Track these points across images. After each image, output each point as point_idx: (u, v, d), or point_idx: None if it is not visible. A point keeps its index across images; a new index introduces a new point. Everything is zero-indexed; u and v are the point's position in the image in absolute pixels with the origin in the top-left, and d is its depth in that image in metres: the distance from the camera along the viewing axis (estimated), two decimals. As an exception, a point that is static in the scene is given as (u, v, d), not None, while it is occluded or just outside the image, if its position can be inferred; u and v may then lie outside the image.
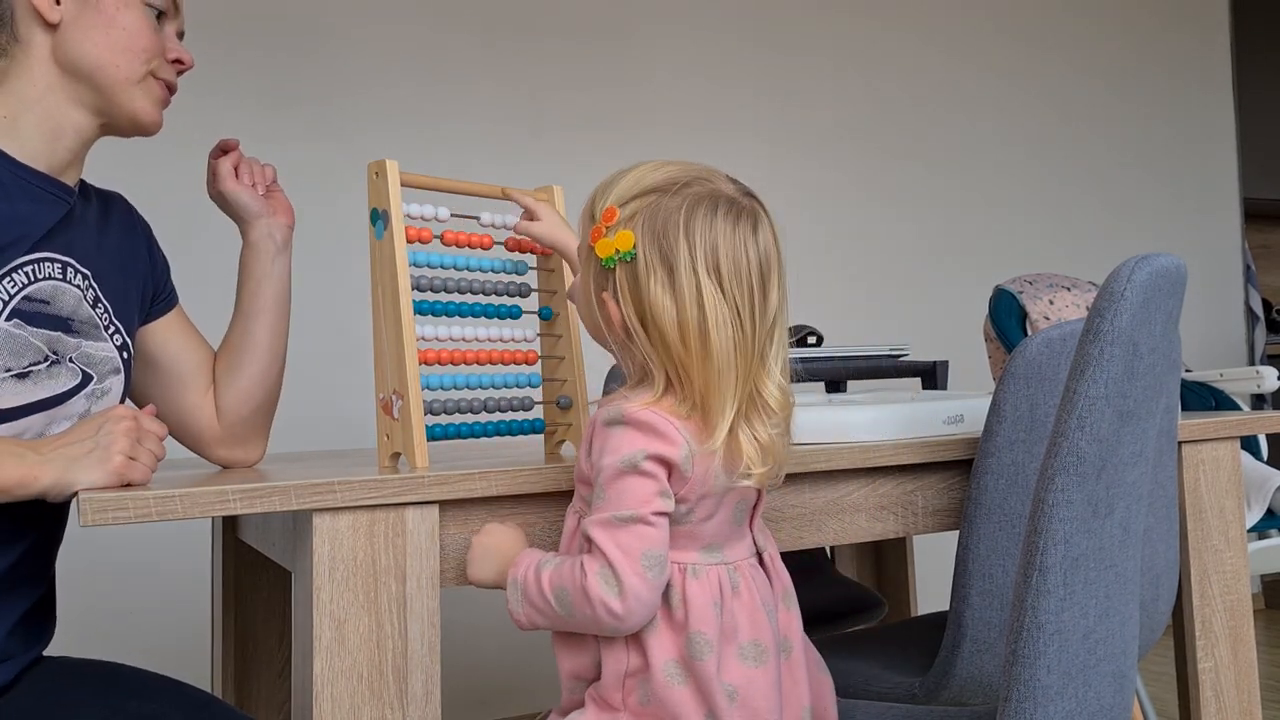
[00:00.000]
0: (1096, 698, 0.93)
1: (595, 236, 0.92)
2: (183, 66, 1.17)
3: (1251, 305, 3.79)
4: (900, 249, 3.14)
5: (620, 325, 0.91)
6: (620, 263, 0.90)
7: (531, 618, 0.92)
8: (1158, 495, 1.23)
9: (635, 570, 0.86)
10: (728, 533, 0.95)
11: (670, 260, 0.88)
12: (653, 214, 0.90)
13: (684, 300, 0.88)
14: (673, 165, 0.95)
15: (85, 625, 2.11)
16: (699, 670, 0.89)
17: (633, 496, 0.87)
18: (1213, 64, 3.77)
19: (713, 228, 0.89)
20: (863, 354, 1.67)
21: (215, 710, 1.04)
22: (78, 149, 1.12)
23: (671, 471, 0.88)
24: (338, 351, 2.37)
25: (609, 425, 0.90)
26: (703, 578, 0.91)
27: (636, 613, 0.87)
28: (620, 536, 0.87)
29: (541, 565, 0.92)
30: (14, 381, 1.04)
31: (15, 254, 1.05)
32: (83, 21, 1.08)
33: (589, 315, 0.97)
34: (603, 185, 0.96)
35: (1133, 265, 0.91)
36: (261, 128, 2.41)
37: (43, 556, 1.13)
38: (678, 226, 0.89)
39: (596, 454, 0.90)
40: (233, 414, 1.25)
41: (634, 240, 0.90)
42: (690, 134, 2.87)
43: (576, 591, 0.88)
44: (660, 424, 0.88)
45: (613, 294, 0.91)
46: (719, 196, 0.91)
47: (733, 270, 0.89)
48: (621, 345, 0.94)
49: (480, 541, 0.98)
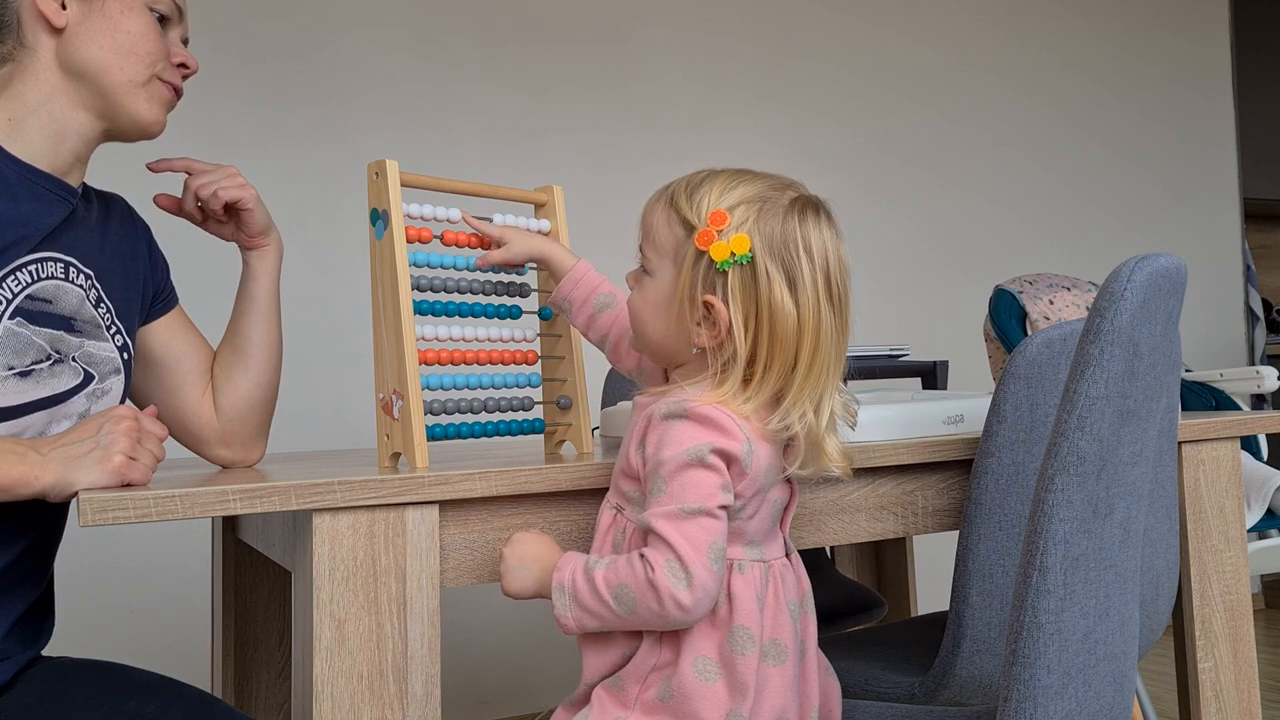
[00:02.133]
0: (1096, 698, 0.93)
1: (706, 240, 0.92)
2: (187, 71, 1.18)
3: (1251, 305, 3.80)
4: (900, 249, 3.14)
5: (725, 326, 0.91)
6: (735, 265, 0.91)
7: (582, 621, 0.92)
8: (1158, 495, 1.23)
9: (703, 562, 0.87)
10: (766, 531, 0.96)
11: (789, 265, 0.91)
12: (765, 218, 0.92)
13: (805, 305, 0.91)
14: (754, 172, 0.98)
15: (85, 625, 2.11)
16: (739, 665, 0.89)
17: (697, 489, 0.88)
18: (1213, 64, 3.77)
19: (821, 233, 0.93)
20: (863, 354, 1.67)
21: (215, 710, 1.04)
22: (81, 151, 1.13)
23: (732, 466, 0.89)
24: (338, 351, 2.38)
25: (670, 419, 0.90)
26: (747, 574, 0.93)
27: (703, 604, 0.88)
28: (687, 528, 0.87)
29: (591, 567, 0.92)
30: (16, 380, 1.04)
31: (19, 253, 1.05)
32: (88, 26, 1.09)
33: (670, 319, 0.95)
34: (682, 190, 0.96)
35: (1133, 265, 0.91)
36: (261, 128, 2.41)
37: (41, 556, 1.13)
38: (794, 232, 0.92)
39: (654, 447, 0.91)
40: (231, 414, 1.26)
41: (750, 244, 0.91)
42: (690, 134, 2.87)
43: (641, 586, 0.87)
44: (724, 419, 0.89)
45: (722, 297, 0.91)
46: (817, 204, 0.96)
47: (837, 275, 0.94)
48: (714, 347, 0.93)
49: (513, 553, 0.97)
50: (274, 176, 2.37)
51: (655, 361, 1.03)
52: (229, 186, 1.21)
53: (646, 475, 0.91)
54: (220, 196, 1.21)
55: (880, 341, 2.97)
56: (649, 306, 0.98)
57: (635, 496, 0.94)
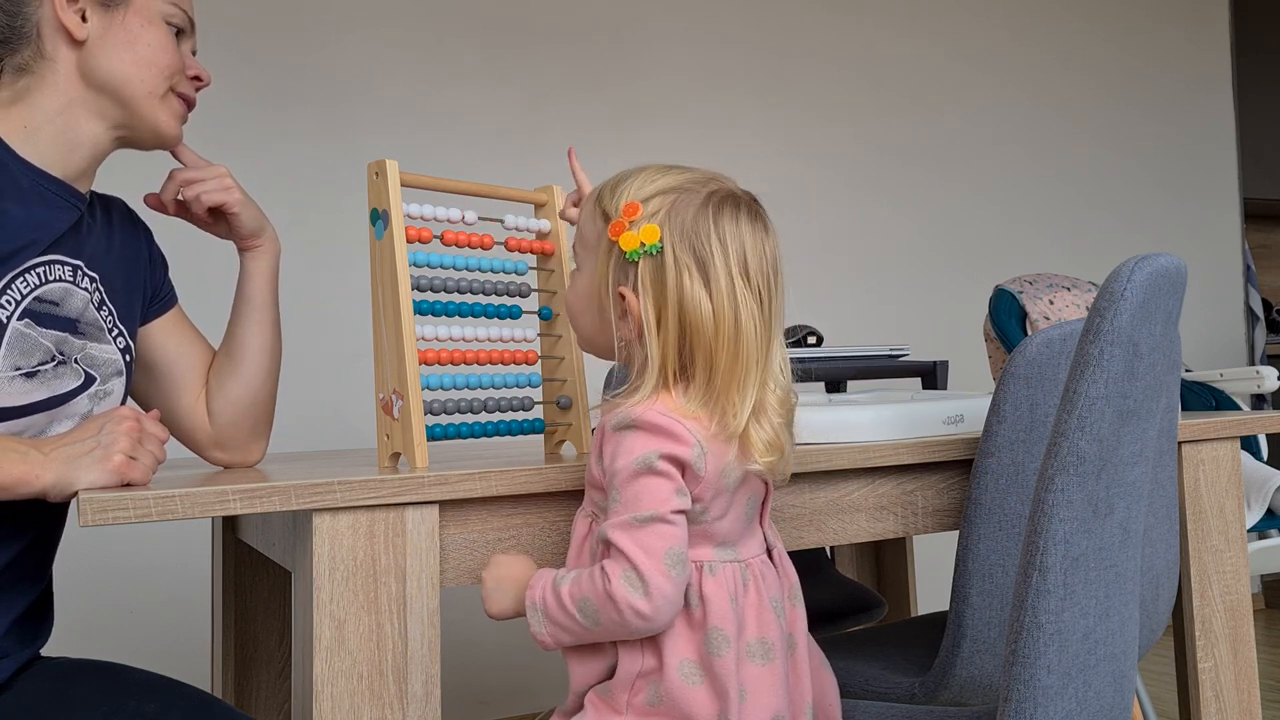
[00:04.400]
0: (1096, 698, 0.93)
1: (617, 230, 0.92)
2: (201, 84, 1.21)
3: (1251, 305, 3.80)
4: (900, 249, 3.14)
5: (637, 319, 0.91)
6: (645, 256, 0.91)
7: (556, 636, 0.91)
8: (1158, 495, 1.23)
9: (659, 569, 0.86)
10: (740, 530, 0.95)
11: (702, 257, 0.90)
12: (677, 210, 0.92)
13: (719, 295, 0.90)
14: (680, 167, 0.97)
15: (85, 625, 2.11)
16: (717, 667, 0.89)
17: (650, 497, 0.87)
18: (1213, 64, 3.77)
19: (738, 226, 0.92)
20: (863, 354, 1.67)
21: (215, 710, 1.04)
22: (92, 160, 1.15)
23: (685, 470, 0.89)
24: (338, 351, 2.38)
25: (619, 430, 0.90)
26: (719, 575, 0.92)
27: (664, 611, 0.87)
28: (641, 537, 0.87)
29: (558, 582, 0.91)
30: (22, 380, 1.05)
31: (29, 256, 1.07)
32: (109, 38, 1.11)
33: (593, 314, 0.97)
34: (609, 184, 0.97)
35: (1133, 265, 0.91)
36: (261, 128, 2.41)
37: (41, 555, 1.13)
38: (707, 224, 0.91)
39: (609, 459, 0.90)
40: (224, 418, 1.25)
41: (660, 234, 0.91)
42: (690, 134, 2.87)
43: (600, 598, 0.87)
44: (671, 425, 0.88)
45: (633, 287, 0.92)
46: (737, 197, 0.94)
47: (757, 267, 0.92)
48: (629, 342, 0.94)
49: (490, 575, 0.97)
50: (274, 176, 2.38)
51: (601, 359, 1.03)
52: (212, 190, 1.21)
53: (605, 486, 0.91)
54: (203, 201, 1.21)
55: (880, 341, 2.97)
56: (579, 301, 0.99)
57: (605, 505, 0.93)
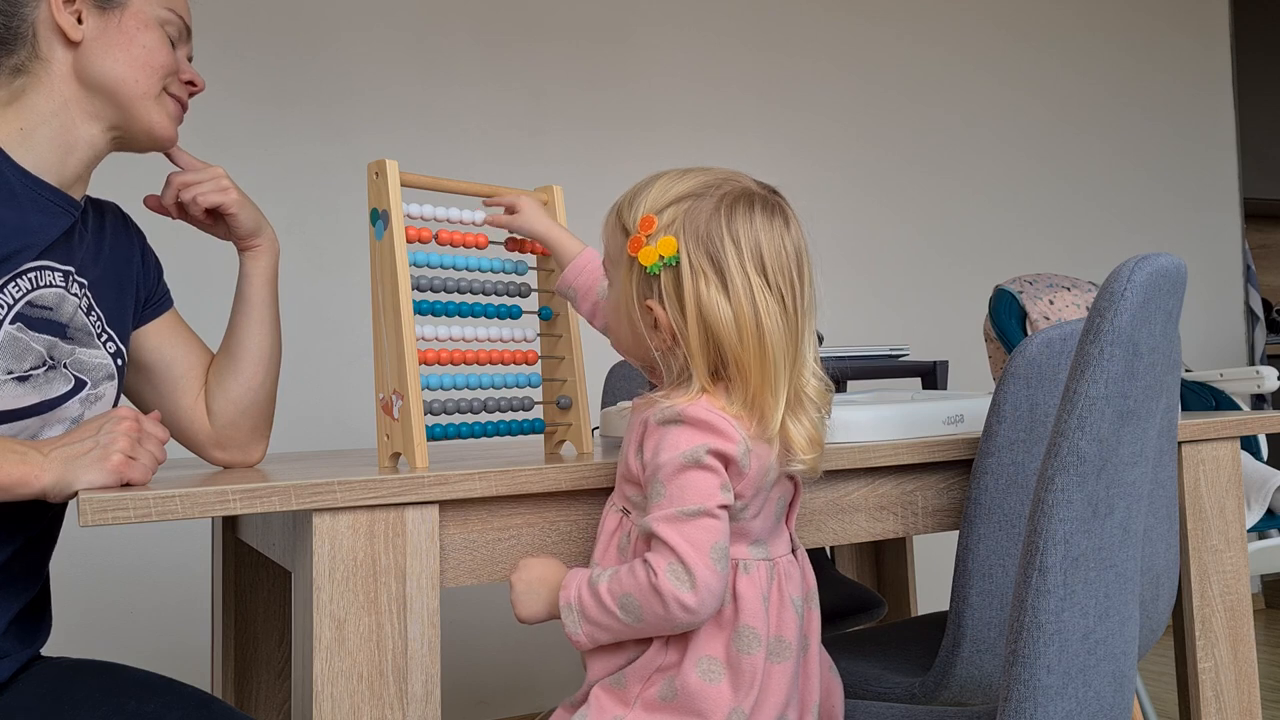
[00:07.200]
0: (1096, 698, 0.93)
1: (636, 246, 0.93)
2: (194, 89, 1.21)
3: (1251, 305, 3.80)
4: (900, 249, 3.14)
5: (668, 330, 0.92)
6: (665, 268, 0.91)
7: (593, 635, 0.92)
8: (1158, 495, 1.23)
9: (705, 563, 0.87)
10: (770, 528, 0.96)
11: (718, 261, 0.90)
12: (691, 217, 0.92)
13: (737, 298, 0.90)
14: (695, 171, 0.97)
15: (85, 625, 2.11)
16: (744, 664, 0.89)
17: (696, 491, 0.88)
18: (1213, 65, 3.77)
19: (752, 224, 0.92)
20: (863, 354, 1.67)
21: (214, 710, 1.04)
22: (88, 163, 1.15)
23: (729, 466, 0.89)
24: (338, 351, 2.38)
25: (665, 424, 0.90)
26: (753, 573, 0.93)
27: (708, 605, 0.87)
28: (688, 530, 0.87)
29: (594, 581, 0.92)
30: (14, 384, 1.05)
31: (21, 261, 1.07)
32: (104, 40, 1.11)
33: (626, 328, 0.97)
34: (627, 198, 0.97)
35: (1133, 265, 0.91)
36: (262, 128, 2.41)
37: (37, 555, 1.13)
38: (720, 227, 0.91)
39: (651, 452, 0.91)
40: (223, 419, 1.25)
41: (677, 245, 0.91)
42: (690, 134, 2.87)
43: (645, 592, 0.87)
44: (718, 421, 0.89)
45: (658, 299, 0.92)
46: (751, 194, 0.94)
47: (775, 264, 0.92)
48: (665, 351, 0.94)
49: (520, 578, 0.97)
50: (274, 176, 2.38)
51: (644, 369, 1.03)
52: (209, 191, 1.21)
53: (646, 480, 0.92)
54: (199, 202, 1.21)
55: (880, 341, 2.97)
56: (614, 315, 1.00)
57: (639, 501, 0.94)
